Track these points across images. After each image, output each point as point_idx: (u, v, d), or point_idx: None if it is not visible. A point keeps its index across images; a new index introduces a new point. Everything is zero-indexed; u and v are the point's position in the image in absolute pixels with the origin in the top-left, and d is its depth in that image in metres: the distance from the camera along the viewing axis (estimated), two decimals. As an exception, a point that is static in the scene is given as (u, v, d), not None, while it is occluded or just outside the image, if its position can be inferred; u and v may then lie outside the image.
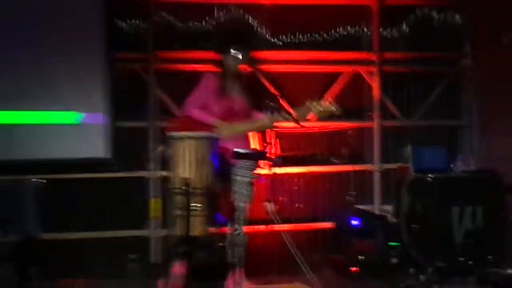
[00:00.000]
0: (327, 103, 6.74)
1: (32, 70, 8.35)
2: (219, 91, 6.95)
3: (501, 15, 8.87)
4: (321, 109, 6.67)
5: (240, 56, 6.94)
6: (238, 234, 6.62)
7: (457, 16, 9.70)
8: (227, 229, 6.76)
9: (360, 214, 8.60)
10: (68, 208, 8.66)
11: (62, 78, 8.44)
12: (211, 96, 6.88)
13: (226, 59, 7.00)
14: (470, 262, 7.16)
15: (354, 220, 8.49)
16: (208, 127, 6.75)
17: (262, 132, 7.08)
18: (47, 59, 8.42)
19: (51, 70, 8.41)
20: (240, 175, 6.86)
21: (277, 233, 7.03)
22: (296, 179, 9.28)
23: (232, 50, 6.93)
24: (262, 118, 6.88)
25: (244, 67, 7.05)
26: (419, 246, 7.44)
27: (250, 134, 7.82)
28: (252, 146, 7.34)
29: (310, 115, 6.75)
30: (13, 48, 8.32)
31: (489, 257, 7.17)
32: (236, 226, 6.65)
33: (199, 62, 8.85)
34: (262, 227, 7.17)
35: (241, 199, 6.73)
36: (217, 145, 6.63)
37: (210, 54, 8.65)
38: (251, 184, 6.81)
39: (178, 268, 6.52)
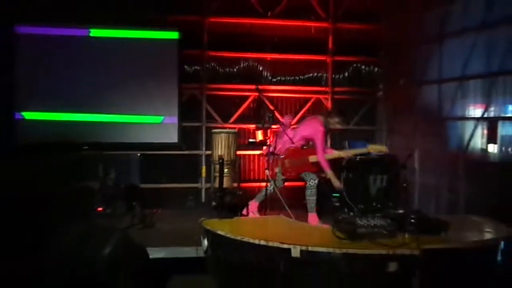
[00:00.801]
0: (376, 147, 6.75)
1: (139, 92, 8.47)
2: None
3: (399, 68, 8.88)
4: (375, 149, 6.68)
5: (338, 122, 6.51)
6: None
7: (375, 68, 9.60)
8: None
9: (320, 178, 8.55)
10: (154, 170, 8.78)
11: (155, 97, 8.54)
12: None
13: (330, 121, 6.49)
14: (379, 206, 7.09)
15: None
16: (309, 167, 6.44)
17: (264, 130, 7.12)
18: (147, 87, 8.49)
19: (149, 92, 8.51)
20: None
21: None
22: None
23: (336, 118, 6.56)
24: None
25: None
26: (351, 196, 7.40)
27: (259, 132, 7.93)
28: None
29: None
30: (127, 79, 8.40)
31: (390, 203, 7.16)
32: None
33: (231, 90, 9.00)
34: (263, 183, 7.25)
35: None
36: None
37: (236, 86, 8.86)
38: None
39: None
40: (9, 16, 7.90)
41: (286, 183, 6.78)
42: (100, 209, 7.33)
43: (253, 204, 6.63)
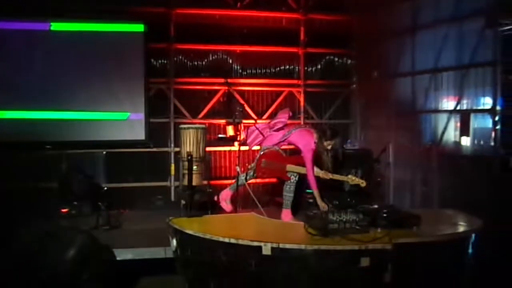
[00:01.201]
0: (356, 179, 6.35)
1: (103, 88, 8.42)
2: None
3: (372, 60, 8.98)
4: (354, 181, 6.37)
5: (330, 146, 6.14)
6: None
7: (349, 61, 9.73)
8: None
9: None
10: (120, 169, 8.71)
11: (120, 93, 8.50)
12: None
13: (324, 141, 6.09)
14: (353, 201, 7.19)
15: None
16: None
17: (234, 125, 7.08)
18: (112, 82, 8.46)
19: (114, 88, 8.47)
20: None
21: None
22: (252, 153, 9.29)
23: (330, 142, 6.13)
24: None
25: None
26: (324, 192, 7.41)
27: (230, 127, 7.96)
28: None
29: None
30: (90, 74, 8.34)
31: (364, 198, 7.26)
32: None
33: (200, 84, 9.02)
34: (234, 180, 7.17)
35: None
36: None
37: (205, 80, 8.88)
38: None
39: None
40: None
41: (259, 180, 6.78)
42: (64, 210, 7.29)
43: (226, 193, 6.50)
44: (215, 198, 6.50)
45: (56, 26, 8.27)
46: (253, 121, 7.06)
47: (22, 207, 6.76)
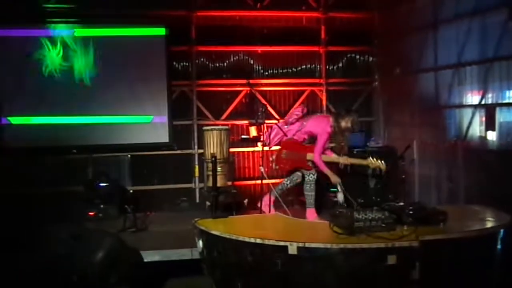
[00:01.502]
0: (376, 162, 6.54)
1: (127, 92, 8.52)
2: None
3: (394, 57, 8.95)
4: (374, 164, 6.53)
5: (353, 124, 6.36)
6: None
7: (370, 58, 9.66)
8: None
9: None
10: (145, 172, 8.82)
11: (143, 96, 8.58)
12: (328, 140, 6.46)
13: (340, 121, 6.32)
14: (378, 199, 7.17)
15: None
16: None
17: (257, 125, 7.10)
18: (135, 86, 8.53)
19: (137, 92, 8.55)
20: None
21: (267, 184, 6.88)
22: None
23: (347, 117, 6.35)
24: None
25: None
26: (349, 190, 7.32)
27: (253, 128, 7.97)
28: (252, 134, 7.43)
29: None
30: (114, 79, 8.45)
31: (389, 195, 7.22)
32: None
33: (222, 85, 9.05)
34: (258, 181, 7.21)
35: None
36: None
37: (227, 81, 8.91)
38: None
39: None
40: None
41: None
42: (91, 213, 7.38)
43: (267, 198, 6.54)
44: (258, 204, 6.51)
45: (79, 32, 8.38)
46: (275, 121, 7.10)
47: (50, 211, 6.88)
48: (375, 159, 6.56)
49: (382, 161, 6.50)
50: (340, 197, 6.44)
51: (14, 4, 7.94)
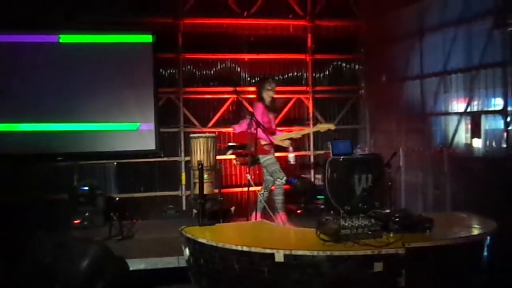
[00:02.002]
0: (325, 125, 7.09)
1: (113, 99, 8.47)
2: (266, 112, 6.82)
3: (380, 65, 9.00)
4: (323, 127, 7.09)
5: (273, 91, 6.85)
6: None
7: (357, 66, 9.72)
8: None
9: (302, 180, 8.66)
10: (131, 179, 8.78)
11: (130, 103, 8.54)
12: (265, 116, 6.76)
13: (264, 92, 6.85)
14: (365, 206, 7.14)
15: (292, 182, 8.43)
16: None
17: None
18: (122, 93, 8.48)
19: (124, 99, 8.51)
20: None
21: (254, 192, 6.94)
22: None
23: (268, 87, 6.83)
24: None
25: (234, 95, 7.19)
26: (335, 198, 7.41)
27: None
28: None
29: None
30: (100, 86, 8.39)
31: (376, 203, 7.22)
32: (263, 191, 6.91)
33: (209, 93, 9.04)
34: (245, 188, 7.21)
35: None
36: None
37: (214, 89, 8.91)
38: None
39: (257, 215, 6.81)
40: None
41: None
42: (77, 221, 7.35)
43: (258, 215, 6.85)
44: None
45: (64, 38, 8.32)
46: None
47: (35, 218, 6.81)
48: (323, 124, 7.25)
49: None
50: (292, 157, 7.01)
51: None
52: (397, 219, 4.67)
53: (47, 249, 4.63)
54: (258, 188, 6.96)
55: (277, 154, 7.21)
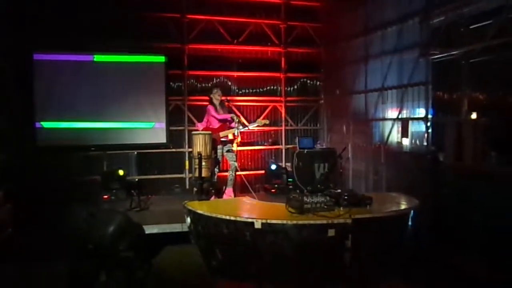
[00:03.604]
0: (263, 120, 7.24)
1: (134, 104, 8.33)
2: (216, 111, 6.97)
3: (335, 82, 8.98)
4: (261, 122, 7.19)
5: (219, 94, 7.05)
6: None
7: (318, 82, 9.66)
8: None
9: (277, 166, 8.68)
10: (148, 165, 8.67)
11: (147, 108, 8.41)
12: (218, 114, 6.98)
13: (213, 98, 7.07)
14: (322, 187, 7.19)
15: (273, 169, 8.54)
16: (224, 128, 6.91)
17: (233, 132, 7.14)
18: (141, 100, 8.35)
19: (142, 104, 8.37)
20: (230, 150, 7.02)
21: (239, 176, 7.02)
22: (247, 152, 9.33)
23: (215, 92, 7.09)
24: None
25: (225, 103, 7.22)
26: (301, 180, 7.42)
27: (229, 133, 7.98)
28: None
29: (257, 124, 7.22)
30: (124, 94, 8.26)
31: (330, 184, 7.23)
32: (230, 171, 7.00)
33: (207, 101, 8.90)
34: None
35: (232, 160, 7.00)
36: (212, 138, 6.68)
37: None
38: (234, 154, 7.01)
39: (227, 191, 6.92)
40: (28, 45, 7.69)
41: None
42: (105, 197, 7.27)
43: (228, 190, 6.96)
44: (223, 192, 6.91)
45: (98, 58, 8.21)
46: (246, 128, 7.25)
47: (74, 194, 6.74)
48: (261, 119, 7.39)
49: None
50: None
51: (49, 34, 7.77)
52: (346, 197, 4.72)
53: (82, 217, 4.58)
54: (243, 172, 6.93)
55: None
